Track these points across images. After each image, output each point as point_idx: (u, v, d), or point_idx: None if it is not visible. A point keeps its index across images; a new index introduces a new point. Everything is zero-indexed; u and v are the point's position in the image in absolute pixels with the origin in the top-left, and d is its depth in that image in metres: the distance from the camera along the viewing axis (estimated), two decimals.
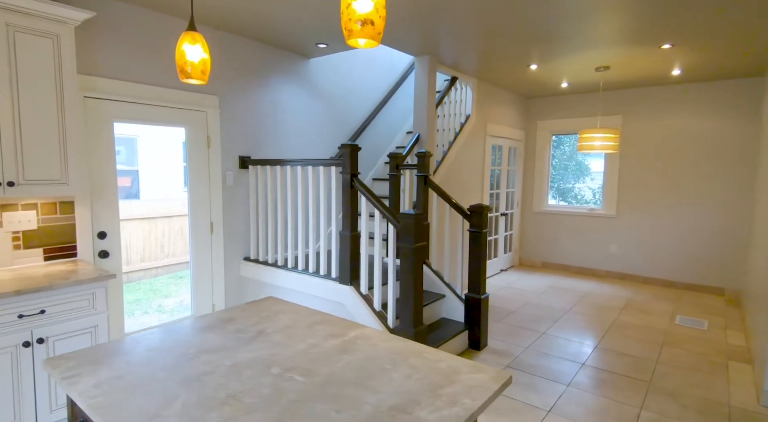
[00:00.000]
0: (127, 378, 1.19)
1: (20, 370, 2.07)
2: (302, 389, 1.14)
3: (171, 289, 6.87)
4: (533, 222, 6.48)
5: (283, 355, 1.35)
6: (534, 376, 3.01)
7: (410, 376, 1.22)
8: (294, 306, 1.84)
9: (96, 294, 2.29)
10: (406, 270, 2.59)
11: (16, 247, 2.45)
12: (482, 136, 5.31)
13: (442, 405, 1.07)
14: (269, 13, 2.96)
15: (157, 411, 1.02)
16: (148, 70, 2.98)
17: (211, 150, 3.42)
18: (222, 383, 1.16)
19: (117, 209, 2.87)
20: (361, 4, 1.00)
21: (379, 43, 1.06)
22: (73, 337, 2.22)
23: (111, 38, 2.78)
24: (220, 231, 3.51)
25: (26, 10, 2.16)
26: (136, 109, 2.95)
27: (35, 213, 2.50)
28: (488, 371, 1.25)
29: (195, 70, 1.50)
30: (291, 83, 3.98)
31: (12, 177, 2.17)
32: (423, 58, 4.05)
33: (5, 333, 2.01)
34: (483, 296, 3.38)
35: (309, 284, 3.16)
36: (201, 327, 1.59)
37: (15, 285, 2.09)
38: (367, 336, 1.52)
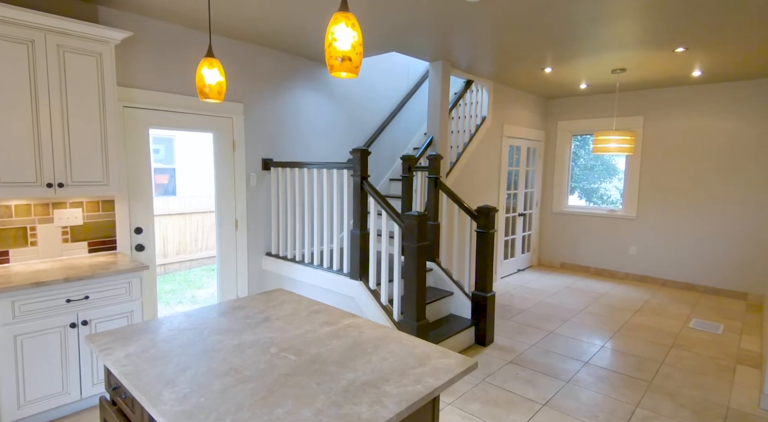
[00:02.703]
0: (150, 351, 1.43)
1: (67, 348, 2.40)
2: (293, 366, 1.34)
3: (204, 281, 7.29)
4: (552, 223, 6.48)
5: (281, 338, 1.56)
6: (535, 372, 3.12)
7: (386, 359, 1.40)
8: (298, 297, 2.06)
9: (132, 283, 2.60)
10: (410, 267, 2.76)
11: (65, 241, 2.79)
12: (499, 137, 5.38)
13: (408, 383, 1.24)
14: (290, 25, 3.19)
15: (172, 378, 1.25)
16: (179, 80, 3.27)
17: (236, 153, 3.70)
18: (226, 358, 1.39)
19: (152, 207, 3.18)
20: (340, 43, 1.19)
21: (357, 75, 1.24)
22: (112, 320, 2.54)
23: (146, 53, 3.09)
24: (244, 228, 3.79)
25: (75, 32, 2.47)
26: (169, 117, 3.25)
27: (81, 210, 2.84)
28: (456, 357, 1.42)
29: (212, 91, 1.73)
30: (311, 89, 4.22)
31: (62, 179, 2.50)
32: (437, 63, 4.18)
33: (55, 315, 2.34)
34: (489, 294, 3.51)
35: (323, 278, 3.39)
36: (216, 313, 1.83)
37: (64, 273, 2.41)
38: (357, 324, 1.71)
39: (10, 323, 2.19)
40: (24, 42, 2.33)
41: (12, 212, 2.58)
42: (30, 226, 2.65)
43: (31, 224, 2.65)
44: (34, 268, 2.52)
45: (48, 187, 2.45)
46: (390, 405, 1.12)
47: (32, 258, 2.67)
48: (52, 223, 2.73)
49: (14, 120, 2.32)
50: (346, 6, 1.23)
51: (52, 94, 2.44)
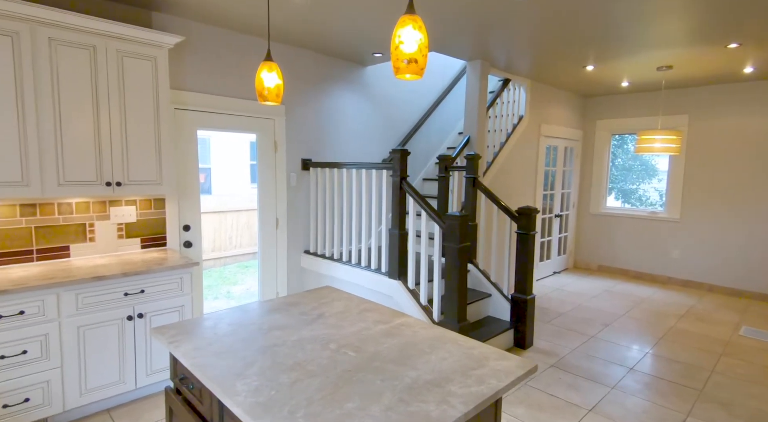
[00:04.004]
0: (216, 345, 1.48)
1: (124, 340, 2.51)
2: (354, 362, 1.37)
3: (238, 277, 7.47)
4: (590, 224, 6.32)
5: (338, 335, 1.59)
6: (578, 377, 3.06)
7: (445, 359, 1.41)
8: (347, 295, 2.09)
9: (183, 279, 2.70)
10: (451, 268, 2.76)
11: (120, 237, 2.93)
12: (536, 136, 5.29)
13: (471, 383, 1.25)
14: (332, 29, 3.24)
15: (241, 371, 1.30)
16: (226, 83, 3.37)
17: (278, 153, 3.78)
18: (289, 353, 1.42)
19: (199, 205, 3.30)
20: (407, 46, 1.21)
21: (422, 76, 1.26)
22: (165, 314, 2.64)
23: (195, 56, 3.20)
24: (284, 226, 3.87)
25: (133, 37, 2.59)
26: (216, 118, 3.36)
27: (135, 208, 2.97)
28: (515, 359, 1.41)
29: (271, 93, 1.78)
30: (348, 90, 4.26)
31: (120, 178, 2.62)
32: (474, 62, 4.15)
33: (114, 308, 2.45)
34: (529, 296, 3.46)
35: (361, 276, 3.42)
36: (269, 308, 1.88)
37: (121, 268, 2.53)
38: (410, 324, 1.72)
39: (74, 315, 2.32)
40: (87, 47, 2.46)
41: (73, 209, 2.73)
42: (89, 223, 2.79)
43: (90, 221, 2.80)
44: (93, 263, 2.65)
45: (107, 185, 2.57)
46: (457, 405, 1.13)
47: (91, 254, 2.81)
48: (109, 220, 2.87)
49: (78, 122, 2.45)
50: (413, 8, 1.24)
51: (112, 97, 2.57)
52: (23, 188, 2.30)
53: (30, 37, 2.27)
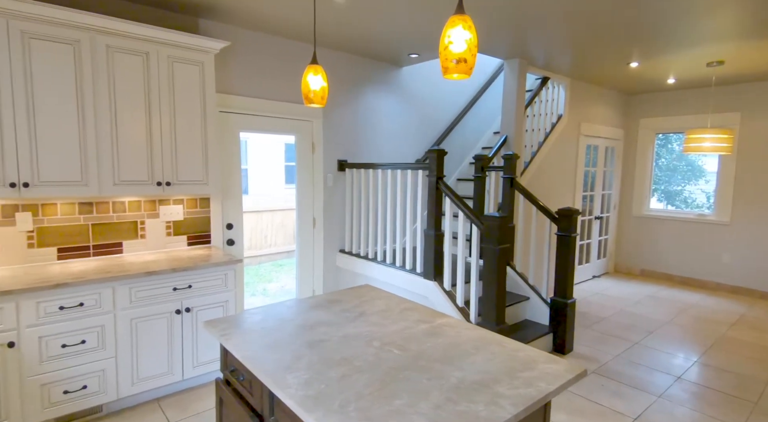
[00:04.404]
0: (264, 339, 1.53)
1: (172, 332, 2.63)
2: (399, 360, 1.38)
3: (273, 275, 7.65)
4: (632, 227, 6.09)
5: (381, 333, 1.61)
6: (622, 384, 2.95)
7: (490, 360, 1.40)
8: (387, 294, 2.11)
9: (227, 275, 2.80)
10: (490, 270, 2.72)
11: (168, 234, 3.06)
12: (575, 135, 5.15)
13: (519, 385, 1.24)
14: (370, 32, 3.27)
15: (290, 364, 1.34)
16: (268, 86, 3.47)
17: (315, 155, 3.85)
18: (335, 349, 1.45)
19: (241, 205, 3.41)
20: (456, 46, 1.21)
21: (470, 76, 1.26)
22: (210, 309, 2.75)
23: (239, 61, 3.30)
24: (321, 225, 3.94)
25: (183, 43, 2.71)
26: (258, 121, 3.46)
27: (182, 207, 3.10)
28: (563, 363, 1.39)
29: (316, 96, 1.83)
30: (384, 91, 4.29)
31: (170, 178, 2.75)
32: (512, 61, 4.09)
33: (164, 302, 2.57)
34: (570, 300, 3.37)
35: (395, 276, 3.44)
36: (312, 305, 1.92)
37: (170, 264, 2.65)
38: (452, 324, 1.72)
39: (127, 307, 2.45)
40: (140, 54, 2.59)
41: (126, 208, 2.88)
42: (140, 221, 2.94)
43: (141, 219, 2.94)
44: (144, 259, 2.79)
45: (158, 185, 2.70)
46: (506, 406, 1.12)
47: (141, 250, 2.96)
48: (158, 218, 3.01)
49: (132, 125, 2.59)
50: (462, 9, 1.25)
51: (162, 101, 2.69)
52: (82, 187, 2.45)
53: (90, 45, 2.42)
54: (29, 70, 2.25)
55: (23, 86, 2.24)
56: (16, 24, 2.20)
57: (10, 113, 2.21)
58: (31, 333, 2.17)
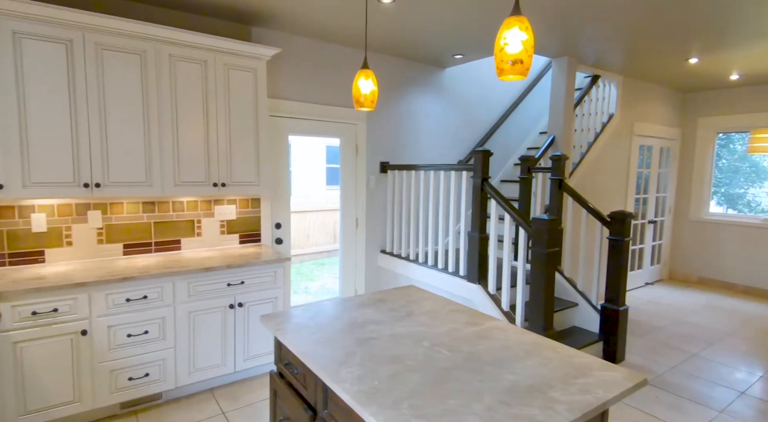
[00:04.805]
0: (317, 334, 1.58)
1: (226, 326, 2.76)
2: (449, 360, 1.39)
3: (314, 274, 7.81)
4: (689, 232, 5.74)
5: (430, 333, 1.62)
6: (680, 398, 2.80)
7: (543, 365, 1.38)
8: (433, 295, 2.12)
9: (277, 273, 2.90)
10: (537, 274, 2.67)
11: (222, 232, 3.22)
12: (628, 135, 4.93)
13: (575, 392, 1.21)
14: (415, 34, 3.29)
15: (343, 360, 1.38)
16: (315, 90, 3.57)
17: (359, 157, 3.91)
18: (386, 347, 1.48)
19: (289, 205, 3.52)
20: (512, 47, 1.21)
21: (526, 77, 1.25)
22: (261, 304, 2.86)
23: (288, 66, 3.42)
24: (363, 226, 4.00)
25: (238, 51, 2.84)
26: (305, 124, 3.57)
27: (235, 207, 3.25)
28: (621, 370, 1.34)
29: (367, 99, 1.87)
30: (426, 93, 4.29)
31: (224, 179, 2.89)
32: (561, 59, 3.98)
33: (219, 297, 2.71)
34: (622, 308, 3.23)
35: (438, 279, 3.43)
36: (359, 303, 1.96)
37: (224, 261, 2.78)
38: (502, 327, 1.70)
39: (186, 301, 2.60)
40: (199, 62, 2.75)
41: (184, 207, 3.05)
42: (197, 219, 3.10)
43: (198, 217, 3.11)
44: (200, 255, 2.95)
45: (214, 186, 2.85)
46: (563, 412, 1.11)
47: (198, 247, 3.12)
48: (213, 218, 3.16)
49: (191, 129, 2.75)
50: (519, 10, 1.24)
51: (219, 106, 2.84)
52: (147, 188, 2.63)
53: (155, 54, 2.59)
54: (102, 80, 2.44)
55: (96, 95, 2.43)
56: (92, 37, 2.39)
57: (85, 120, 2.41)
58: (101, 323, 2.35)
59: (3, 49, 2.18)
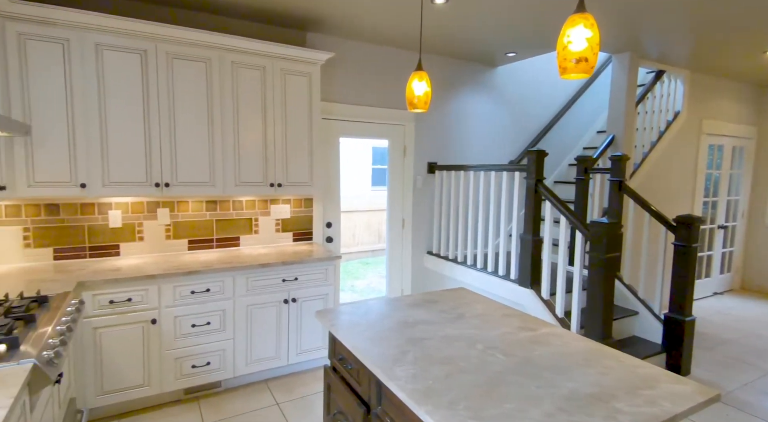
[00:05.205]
0: (369, 331, 1.62)
1: (280, 320, 2.87)
2: (504, 365, 1.37)
3: (360, 272, 7.92)
4: (765, 238, 5.26)
5: (482, 336, 1.60)
6: (754, 417, 2.58)
7: (605, 374, 1.32)
8: (484, 298, 2.09)
9: (328, 270, 2.98)
10: (596, 280, 2.56)
11: (277, 230, 3.35)
12: (695, 134, 4.60)
13: (641, 403, 1.16)
14: (467, 32, 3.26)
15: (397, 358, 1.40)
16: (365, 93, 3.63)
17: (406, 158, 3.93)
18: (438, 348, 1.49)
19: (339, 205, 3.61)
20: (576, 45, 1.17)
21: (590, 75, 1.21)
22: (313, 300, 2.95)
23: (340, 70, 3.50)
24: (409, 226, 4.01)
25: (295, 57, 2.95)
26: (355, 126, 3.64)
27: (289, 206, 3.37)
28: (691, 384, 1.26)
29: (420, 101, 1.88)
30: (476, 92, 4.23)
31: (281, 180, 3.01)
32: (622, 55, 3.78)
33: (274, 292, 2.82)
34: (688, 318, 3.03)
35: (487, 282, 3.37)
36: (409, 303, 1.98)
37: (279, 257, 2.90)
38: (558, 334, 1.66)
39: (244, 295, 2.73)
40: (258, 68, 2.88)
41: (243, 206, 3.21)
42: (254, 218, 3.26)
43: (255, 216, 3.26)
44: (257, 252, 3.09)
45: (271, 186, 2.98)
46: None
47: (255, 244, 3.27)
48: (269, 216, 3.30)
49: (251, 133, 2.89)
50: (583, 7, 1.20)
51: (276, 110, 2.96)
52: (210, 188, 2.79)
53: (218, 62, 2.75)
54: (171, 87, 2.63)
55: (167, 101, 2.62)
56: (164, 47, 2.58)
57: (156, 125, 2.60)
58: (168, 313, 2.52)
59: (88, 60, 2.40)
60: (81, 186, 2.44)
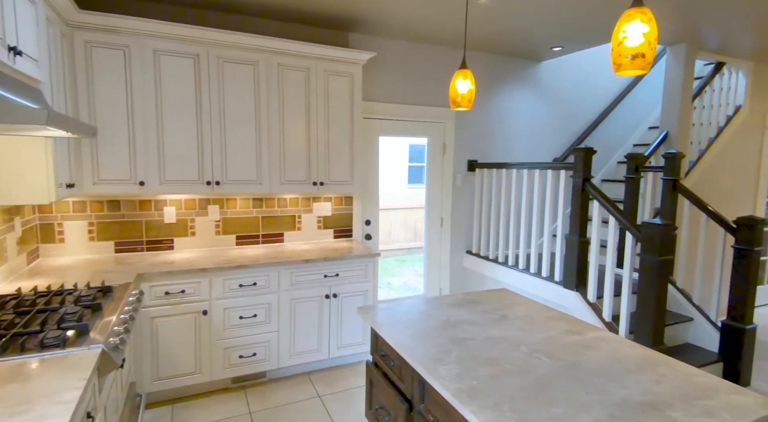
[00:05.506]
0: (411, 329, 1.63)
1: (322, 314, 2.94)
2: (550, 368, 1.35)
3: (396, 270, 7.95)
4: None
5: (527, 338, 1.58)
6: None
7: (659, 381, 1.27)
8: (527, 300, 2.05)
9: (367, 267, 3.02)
10: (647, 284, 2.45)
11: (319, 227, 3.43)
12: (759, 129, 4.28)
13: (697, 413, 1.11)
14: (512, 27, 3.20)
15: (440, 357, 1.41)
16: (405, 91, 3.64)
17: (446, 156, 3.91)
18: (482, 348, 1.48)
19: (378, 203, 3.64)
20: (632, 40, 1.13)
21: (648, 71, 1.16)
22: (353, 296, 3.01)
23: (381, 69, 3.53)
24: (448, 225, 3.99)
25: (337, 58, 3.01)
26: (395, 125, 3.65)
27: (330, 204, 3.44)
28: (753, 395, 1.19)
29: (464, 99, 1.87)
30: (518, 89, 4.14)
31: (323, 179, 3.08)
32: (677, 47, 3.58)
33: (316, 287, 2.90)
34: (749, 326, 2.84)
35: (529, 283, 3.30)
36: (451, 303, 1.97)
37: (321, 254, 2.97)
38: (607, 338, 1.60)
39: (288, 289, 2.82)
40: (303, 70, 2.95)
41: (287, 203, 3.31)
42: (297, 215, 3.35)
43: (298, 213, 3.35)
44: (300, 248, 3.17)
45: (314, 184, 3.05)
46: None
47: (297, 240, 3.37)
48: (311, 213, 3.39)
49: (295, 133, 2.97)
50: (641, 1, 1.16)
51: (319, 111, 3.02)
52: (257, 186, 2.90)
53: (265, 65, 2.84)
54: (222, 89, 2.75)
55: (218, 103, 2.74)
56: (215, 51, 2.70)
57: (208, 125, 2.73)
58: (218, 305, 2.65)
59: (146, 65, 2.55)
60: (140, 184, 2.60)
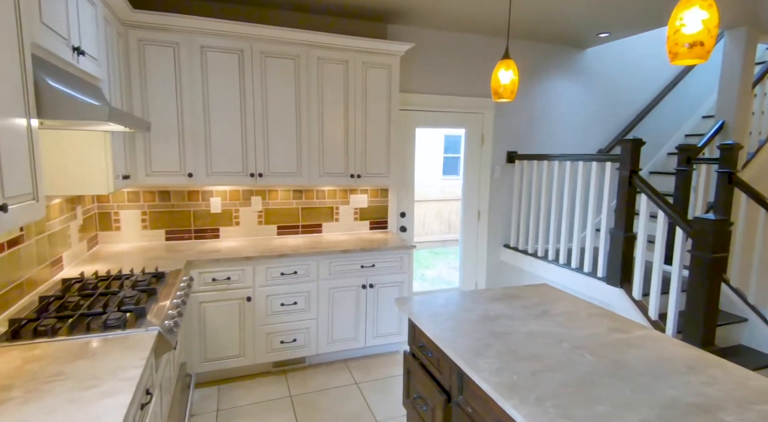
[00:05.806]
0: (450, 322, 1.64)
1: (359, 304, 3.00)
2: (594, 366, 1.33)
3: (430, 262, 7.94)
4: None
5: (569, 335, 1.56)
6: None
7: (710, 384, 1.23)
8: (569, 296, 2.01)
9: (403, 258, 3.05)
10: (698, 282, 2.33)
11: (355, 219, 3.48)
12: None
13: (754, 418, 1.06)
14: (557, 13, 3.09)
15: (479, 350, 1.41)
16: (443, 82, 3.60)
17: (484, 147, 3.84)
18: (522, 343, 1.47)
19: (413, 195, 3.65)
20: (690, 28, 1.07)
21: (707, 60, 1.11)
22: (388, 287, 3.05)
23: (419, 60, 3.50)
24: (485, 218, 3.94)
25: (376, 50, 3.01)
26: (431, 116, 3.63)
27: (366, 196, 3.48)
28: None
29: (506, 90, 1.84)
30: (562, 77, 4.00)
31: (360, 171, 3.11)
32: (736, 31, 3.34)
33: (353, 277, 2.95)
34: None
35: (570, 278, 3.22)
36: (489, 297, 1.96)
37: (357, 244, 3.02)
38: (654, 337, 1.55)
39: (327, 278, 2.89)
40: (342, 63, 2.98)
41: (325, 195, 3.38)
42: (335, 206, 3.41)
43: (336, 205, 3.41)
44: (337, 239, 3.24)
45: (351, 176, 3.09)
46: None
47: (335, 231, 3.44)
48: (349, 205, 3.44)
49: (333, 126, 3.01)
50: None
51: (357, 103, 3.05)
52: (297, 177, 2.97)
53: (306, 58, 2.89)
54: (264, 83, 2.82)
55: (261, 97, 2.82)
56: (258, 46, 2.77)
57: (251, 119, 2.82)
58: (261, 292, 2.75)
59: (194, 61, 2.66)
60: (188, 175, 2.72)
